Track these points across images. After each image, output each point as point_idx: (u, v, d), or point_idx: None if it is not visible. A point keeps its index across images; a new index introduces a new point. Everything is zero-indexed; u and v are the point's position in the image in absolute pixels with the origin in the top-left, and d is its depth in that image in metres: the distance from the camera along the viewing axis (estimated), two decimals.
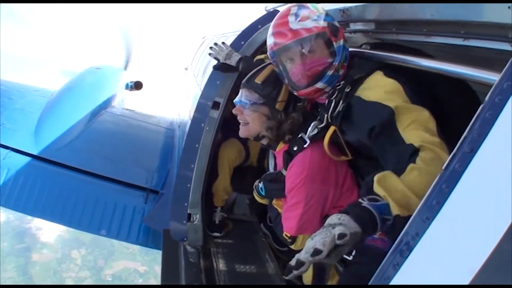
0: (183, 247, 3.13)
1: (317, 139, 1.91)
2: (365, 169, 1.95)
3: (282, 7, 2.98)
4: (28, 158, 4.19)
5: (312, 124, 1.91)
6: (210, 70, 3.05)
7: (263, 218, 3.22)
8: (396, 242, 0.91)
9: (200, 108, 2.98)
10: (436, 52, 1.49)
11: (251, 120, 2.16)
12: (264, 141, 2.27)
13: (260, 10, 3.39)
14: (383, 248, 1.49)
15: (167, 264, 3.07)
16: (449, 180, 0.83)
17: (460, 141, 0.83)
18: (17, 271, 27.28)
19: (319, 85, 1.80)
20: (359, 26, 1.95)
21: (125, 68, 8.55)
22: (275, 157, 2.48)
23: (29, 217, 31.22)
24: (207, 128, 2.90)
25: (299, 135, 1.99)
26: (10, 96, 5.16)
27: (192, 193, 2.98)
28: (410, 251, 0.86)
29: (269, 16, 2.97)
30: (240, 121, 2.22)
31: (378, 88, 1.60)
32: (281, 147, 2.17)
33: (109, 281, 27.87)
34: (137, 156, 4.76)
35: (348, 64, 1.82)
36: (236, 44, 2.95)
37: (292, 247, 2.08)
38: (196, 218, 3.03)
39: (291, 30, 1.75)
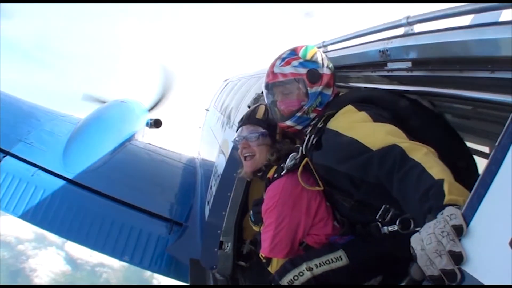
0: (211, 276, 3.33)
1: (294, 169, 2.23)
2: (340, 203, 2.16)
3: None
4: (56, 178, 4.56)
5: (291, 156, 2.26)
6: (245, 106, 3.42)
7: None
8: None
9: None
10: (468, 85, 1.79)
11: (258, 151, 2.51)
12: (260, 174, 2.57)
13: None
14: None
15: None
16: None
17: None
18: None
19: (289, 122, 2.24)
20: (397, 65, 2.27)
21: (153, 107, 9.02)
22: None
23: (24, 257, 31.37)
24: None
25: (281, 165, 2.32)
26: (38, 118, 5.67)
27: (227, 220, 3.22)
28: None
29: None
30: (245, 155, 2.56)
31: (345, 119, 1.94)
32: (269, 175, 2.48)
33: None
34: (161, 188, 5.08)
35: (327, 104, 2.19)
36: None
37: (269, 269, 2.32)
38: (227, 246, 3.24)
39: (273, 72, 2.26)
